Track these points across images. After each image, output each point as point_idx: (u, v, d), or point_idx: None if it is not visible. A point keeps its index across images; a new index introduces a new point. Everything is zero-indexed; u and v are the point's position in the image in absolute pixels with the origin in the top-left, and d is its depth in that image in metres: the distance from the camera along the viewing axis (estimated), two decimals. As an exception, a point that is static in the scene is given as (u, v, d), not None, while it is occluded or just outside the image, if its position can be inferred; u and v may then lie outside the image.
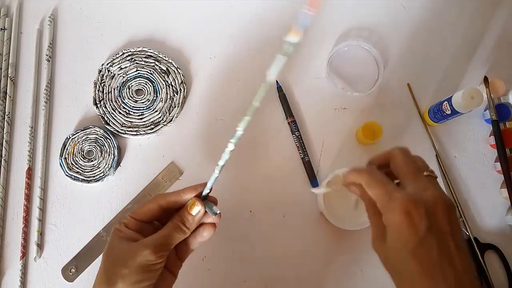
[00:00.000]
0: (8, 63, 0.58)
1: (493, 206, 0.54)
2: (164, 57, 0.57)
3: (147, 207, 0.39)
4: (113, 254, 0.37)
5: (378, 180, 0.34)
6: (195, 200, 0.38)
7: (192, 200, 0.38)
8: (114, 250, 0.37)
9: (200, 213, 0.38)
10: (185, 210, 0.38)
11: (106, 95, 0.56)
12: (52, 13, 0.60)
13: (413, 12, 0.60)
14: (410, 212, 0.31)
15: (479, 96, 0.48)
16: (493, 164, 0.55)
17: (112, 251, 0.37)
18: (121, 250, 0.36)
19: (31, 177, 0.55)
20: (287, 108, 0.56)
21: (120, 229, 0.38)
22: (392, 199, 0.32)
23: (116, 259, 0.36)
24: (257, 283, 0.52)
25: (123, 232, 0.38)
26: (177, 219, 0.38)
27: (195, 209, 0.38)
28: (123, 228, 0.38)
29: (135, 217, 0.39)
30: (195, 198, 0.38)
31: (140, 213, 0.39)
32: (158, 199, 0.39)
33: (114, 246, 0.37)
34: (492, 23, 0.59)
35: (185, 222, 0.38)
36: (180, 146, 0.56)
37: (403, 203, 0.31)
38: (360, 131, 0.53)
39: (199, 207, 0.38)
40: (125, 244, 0.37)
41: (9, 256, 0.53)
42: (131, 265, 0.35)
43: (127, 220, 0.39)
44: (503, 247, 0.52)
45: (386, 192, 0.33)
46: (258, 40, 0.59)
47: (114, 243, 0.37)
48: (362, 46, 0.58)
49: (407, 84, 0.57)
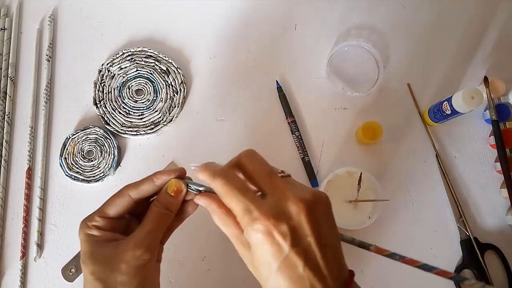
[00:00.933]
0: (8, 63, 0.58)
1: (493, 206, 0.54)
2: (164, 57, 0.57)
3: (117, 203, 0.35)
4: (100, 262, 0.33)
5: (236, 188, 0.30)
6: (173, 181, 0.35)
7: (172, 181, 0.35)
8: (99, 257, 0.33)
9: (183, 192, 0.35)
10: (165, 194, 0.35)
11: (106, 95, 0.56)
12: (52, 13, 0.60)
13: (413, 12, 0.60)
14: (271, 233, 0.28)
15: (479, 96, 0.48)
16: (493, 164, 0.55)
17: (97, 259, 0.33)
18: (108, 255, 0.33)
19: (31, 177, 0.55)
20: (287, 108, 0.56)
21: (92, 233, 0.34)
22: (253, 218, 0.29)
23: (106, 267, 0.33)
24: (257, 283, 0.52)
25: (97, 236, 0.34)
26: (159, 205, 0.35)
27: (176, 189, 0.35)
28: (95, 231, 0.34)
29: (105, 216, 0.35)
30: (173, 179, 0.35)
31: (110, 211, 0.35)
32: (129, 191, 0.35)
33: (95, 253, 0.34)
34: (492, 23, 0.59)
35: (168, 206, 0.35)
36: (180, 146, 0.56)
37: (265, 224, 0.28)
38: (360, 131, 0.53)
39: (180, 184, 0.35)
40: (108, 247, 0.34)
41: (9, 256, 0.53)
42: (127, 270, 0.32)
43: (96, 221, 0.35)
44: (503, 247, 0.52)
45: (245, 207, 0.29)
46: (258, 40, 0.59)
47: (94, 250, 0.34)
48: (362, 46, 0.58)
49: (407, 84, 0.57)
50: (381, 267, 0.52)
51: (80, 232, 0.35)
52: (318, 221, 0.29)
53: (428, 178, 0.54)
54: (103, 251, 0.34)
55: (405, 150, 0.55)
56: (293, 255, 0.28)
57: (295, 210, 0.29)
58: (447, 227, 0.53)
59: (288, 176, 0.32)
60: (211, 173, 0.31)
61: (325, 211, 0.30)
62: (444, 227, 0.53)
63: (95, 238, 0.34)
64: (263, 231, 0.28)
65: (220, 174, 0.31)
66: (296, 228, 0.29)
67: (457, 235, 0.53)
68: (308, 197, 0.29)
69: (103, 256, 0.33)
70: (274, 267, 0.29)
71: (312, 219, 0.29)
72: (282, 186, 0.30)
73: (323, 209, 0.30)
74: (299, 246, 0.28)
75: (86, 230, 0.35)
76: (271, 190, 0.30)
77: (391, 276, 0.51)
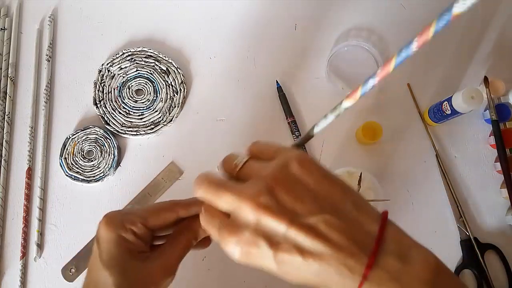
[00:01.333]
0: (8, 63, 0.58)
1: (493, 206, 0.54)
2: (164, 57, 0.57)
3: (164, 216, 0.32)
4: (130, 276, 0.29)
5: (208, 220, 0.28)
6: None
7: None
8: (130, 270, 0.30)
9: None
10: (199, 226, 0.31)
11: (106, 95, 0.56)
12: (52, 13, 0.60)
13: (413, 12, 0.60)
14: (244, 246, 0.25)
15: (479, 96, 0.48)
16: (493, 164, 0.55)
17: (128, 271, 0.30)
18: (138, 271, 0.30)
19: (31, 177, 0.55)
20: (287, 108, 0.56)
21: (129, 238, 0.30)
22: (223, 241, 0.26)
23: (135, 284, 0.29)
24: (257, 283, 0.52)
25: (132, 243, 0.30)
26: (190, 234, 0.33)
27: None
28: (132, 238, 0.31)
29: (148, 225, 0.32)
30: None
31: (155, 222, 0.32)
32: (178, 209, 0.33)
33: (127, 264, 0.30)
34: (492, 23, 0.59)
35: (197, 237, 0.33)
36: (180, 146, 0.56)
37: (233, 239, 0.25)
38: (360, 131, 0.53)
39: None
40: (138, 262, 0.30)
41: (9, 256, 0.53)
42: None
43: (137, 228, 0.31)
44: (503, 247, 0.52)
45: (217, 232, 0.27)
46: (258, 40, 0.59)
47: (125, 259, 0.30)
48: (362, 46, 0.58)
49: (407, 84, 0.57)
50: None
51: (111, 230, 0.30)
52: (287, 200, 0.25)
53: (428, 178, 0.54)
54: (134, 265, 0.30)
55: (405, 150, 0.55)
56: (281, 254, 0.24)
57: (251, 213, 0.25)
58: (447, 227, 0.53)
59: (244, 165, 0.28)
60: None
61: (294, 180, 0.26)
62: (444, 227, 0.53)
63: (129, 245, 0.30)
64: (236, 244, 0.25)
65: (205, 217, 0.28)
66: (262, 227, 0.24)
67: (457, 235, 0.53)
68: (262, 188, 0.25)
69: (134, 271, 0.30)
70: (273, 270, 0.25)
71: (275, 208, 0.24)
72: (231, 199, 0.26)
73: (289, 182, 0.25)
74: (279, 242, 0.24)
75: (122, 232, 0.30)
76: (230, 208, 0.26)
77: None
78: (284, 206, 0.25)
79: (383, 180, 0.54)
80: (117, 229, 0.30)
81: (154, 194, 0.54)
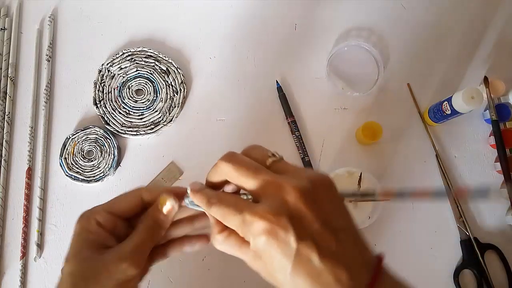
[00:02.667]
0: (8, 63, 0.58)
1: (493, 206, 0.54)
2: (164, 57, 0.57)
3: (127, 203, 0.33)
4: (82, 266, 0.30)
5: (230, 207, 0.28)
6: (166, 196, 0.32)
7: (163, 197, 0.32)
8: (82, 259, 0.30)
9: (173, 209, 0.32)
10: (155, 208, 0.32)
11: (106, 95, 0.56)
12: (52, 13, 0.60)
13: (413, 12, 0.60)
14: (273, 230, 0.25)
15: (479, 96, 0.48)
16: (493, 164, 0.55)
17: (80, 260, 0.30)
18: (92, 261, 0.30)
19: (31, 177, 0.55)
20: (287, 108, 0.56)
21: (90, 228, 0.31)
22: (250, 224, 0.26)
23: (86, 273, 0.30)
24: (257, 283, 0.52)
25: (93, 233, 0.31)
26: (148, 219, 0.32)
27: (166, 206, 0.32)
28: (94, 227, 0.31)
29: (112, 212, 0.32)
30: (166, 194, 0.32)
31: (119, 209, 0.32)
32: (139, 192, 0.33)
33: (82, 252, 0.31)
34: (492, 23, 0.59)
35: (158, 221, 0.32)
36: (180, 146, 0.56)
37: (262, 224, 0.26)
38: (360, 131, 0.53)
39: (171, 203, 0.32)
40: (97, 253, 0.31)
41: (9, 256, 0.53)
42: (107, 284, 0.29)
43: (101, 216, 0.31)
44: (503, 247, 0.52)
45: (241, 219, 0.27)
46: (258, 40, 0.59)
47: (81, 248, 0.31)
48: (362, 46, 0.58)
49: (407, 84, 0.57)
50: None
51: (78, 224, 0.32)
52: (321, 204, 0.26)
53: (428, 178, 0.54)
54: (90, 255, 0.30)
55: (405, 150, 0.55)
56: (303, 247, 0.25)
57: (292, 199, 0.26)
58: (447, 227, 0.53)
59: (280, 160, 0.29)
60: (206, 202, 0.29)
61: (328, 193, 0.27)
62: (444, 227, 0.53)
63: (90, 235, 0.31)
64: (264, 231, 0.26)
65: (213, 202, 0.29)
66: (296, 217, 0.26)
67: (457, 235, 0.53)
68: (304, 183, 0.26)
69: (88, 261, 0.30)
70: (288, 269, 0.26)
71: (313, 204, 0.26)
72: (272, 180, 0.27)
73: (324, 191, 0.27)
74: (306, 236, 0.25)
75: (85, 223, 0.31)
76: (263, 191, 0.27)
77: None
78: (321, 207, 0.26)
79: (383, 180, 0.54)
80: (81, 222, 0.32)
81: (154, 194, 0.54)
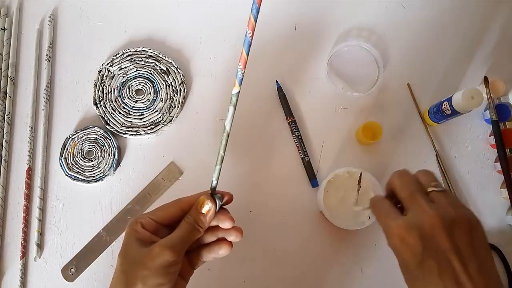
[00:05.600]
0: (8, 63, 0.58)
1: (493, 206, 0.54)
2: (164, 57, 0.57)
3: (168, 211, 0.39)
4: (131, 255, 0.36)
5: (380, 211, 0.37)
6: (204, 198, 0.38)
7: (202, 198, 0.38)
8: (131, 251, 0.37)
9: (211, 210, 0.38)
10: (195, 209, 0.38)
11: (106, 95, 0.56)
12: (52, 13, 0.60)
13: (413, 12, 0.60)
14: (404, 238, 0.32)
15: (479, 96, 0.48)
16: (493, 164, 0.55)
17: (129, 252, 0.37)
18: (139, 251, 0.36)
19: (31, 177, 0.55)
20: (287, 108, 0.56)
21: (137, 229, 0.38)
22: (388, 228, 0.34)
23: (134, 260, 0.36)
24: (257, 283, 0.52)
25: (139, 233, 0.37)
26: (190, 218, 0.38)
27: (205, 207, 0.38)
28: (139, 228, 0.38)
29: (154, 219, 0.38)
30: (204, 196, 0.38)
31: (160, 216, 0.39)
32: (180, 204, 0.39)
33: (131, 247, 0.37)
34: (492, 23, 0.59)
35: (197, 221, 0.38)
36: (180, 146, 0.56)
37: (396, 230, 0.33)
38: (360, 131, 0.53)
39: (209, 205, 0.38)
40: (142, 245, 0.36)
41: (9, 256, 0.53)
42: (151, 266, 0.35)
43: (145, 220, 0.38)
44: (503, 247, 0.52)
45: (385, 225, 0.35)
46: (258, 40, 0.59)
47: (130, 244, 0.37)
48: (362, 46, 0.58)
49: (407, 84, 0.57)
50: (381, 267, 0.52)
51: (127, 226, 0.38)
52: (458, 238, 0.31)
53: (428, 178, 0.54)
54: (137, 247, 0.36)
55: (405, 150, 0.55)
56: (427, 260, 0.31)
57: (429, 223, 0.32)
58: (447, 227, 0.53)
59: (441, 191, 0.34)
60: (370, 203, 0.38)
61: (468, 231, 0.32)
62: (444, 227, 0.53)
63: (136, 234, 0.37)
64: (395, 236, 0.33)
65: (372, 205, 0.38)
66: (427, 238, 0.31)
67: (457, 235, 0.53)
68: (449, 215, 0.32)
69: (135, 251, 0.36)
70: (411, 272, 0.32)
71: (448, 235, 0.31)
72: (421, 203, 0.33)
73: (465, 228, 0.32)
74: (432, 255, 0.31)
75: (133, 225, 0.38)
76: (410, 206, 0.34)
77: (391, 276, 0.51)
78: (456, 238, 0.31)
79: (383, 180, 0.54)
80: (130, 224, 0.38)
81: (154, 194, 0.54)
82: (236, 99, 0.37)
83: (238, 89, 0.37)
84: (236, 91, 0.37)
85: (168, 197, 0.54)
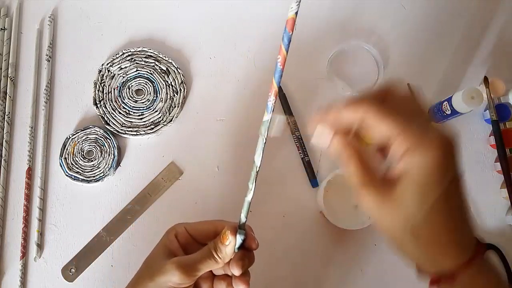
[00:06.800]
0: (8, 63, 0.58)
1: (493, 206, 0.54)
2: (164, 57, 0.57)
3: (203, 226, 0.39)
4: (150, 261, 0.37)
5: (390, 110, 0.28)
6: (227, 230, 0.36)
7: (225, 230, 0.36)
8: (153, 257, 0.37)
9: (230, 244, 0.36)
10: (218, 238, 0.36)
11: (106, 95, 0.56)
12: (52, 13, 0.60)
13: (413, 12, 0.60)
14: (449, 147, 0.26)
15: (479, 96, 0.48)
16: (493, 164, 0.55)
17: (151, 257, 0.37)
18: (157, 260, 0.36)
19: (31, 177, 0.55)
20: (287, 108, 0.56)
21: (169, 237, 0.38)
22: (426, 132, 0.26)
23: (149, 267, 0.36)
24: (257, 283, 0.52)
25: (170, 241, 0.38)
26: (211, 245, 0.37)
27: (225, 240, 0.36)
28: (171, 236, 0.38)
29: (189, 230, 0.38)
30: (228, 228, 0.36)
31: (194, 228, 0.38)
32: (216, 224, 0.38)
33: (155, 252, 0.37)
34: (492, 23, 0.59)
35: (217, 250, 0.36)
36: (180, 146, 0.56)
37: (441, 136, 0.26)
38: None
39: (229, 239, 0.36)
40: (165, 254, 0.37)
41: (9, 256, 0.53)
42: (157, 280, 0.35)
43: (180, 229, 0.38)
44: (503, 247, 0.52)
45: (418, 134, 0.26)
46: (258, 40, 0.59)
47: (157, 250, 0.38)
48: (362, 46, 0.58)
49: (407, 84, 0.57)
50: (381, 267, 0.52)
51: (166, 232, 0.39)
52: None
53: (428, 178, 0.54)
54: (158, 256, 0.37)
55: (405, 150, 0.55)
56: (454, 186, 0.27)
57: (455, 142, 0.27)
58: (447, 227, 0.53)
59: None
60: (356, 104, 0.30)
61: None
62: (444, 227, 0.53)
63: (166, 241, 0.38)
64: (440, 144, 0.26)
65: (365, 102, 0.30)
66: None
67: (457, 235, 0.53)
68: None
69: (155, 259, 0.37)
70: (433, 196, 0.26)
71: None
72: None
73: None
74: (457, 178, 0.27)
75: (169, 231, 0.38)
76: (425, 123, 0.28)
77: (391, 276, 0.51)
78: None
79: (383, 180, 0.54)
80: (168, 230, 0.39)
81: (154, 194, 0.54)
82: (265, 129, 0.34)
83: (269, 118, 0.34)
84: (266, 119, 0.33)
85: (168, 197, 0.54)
